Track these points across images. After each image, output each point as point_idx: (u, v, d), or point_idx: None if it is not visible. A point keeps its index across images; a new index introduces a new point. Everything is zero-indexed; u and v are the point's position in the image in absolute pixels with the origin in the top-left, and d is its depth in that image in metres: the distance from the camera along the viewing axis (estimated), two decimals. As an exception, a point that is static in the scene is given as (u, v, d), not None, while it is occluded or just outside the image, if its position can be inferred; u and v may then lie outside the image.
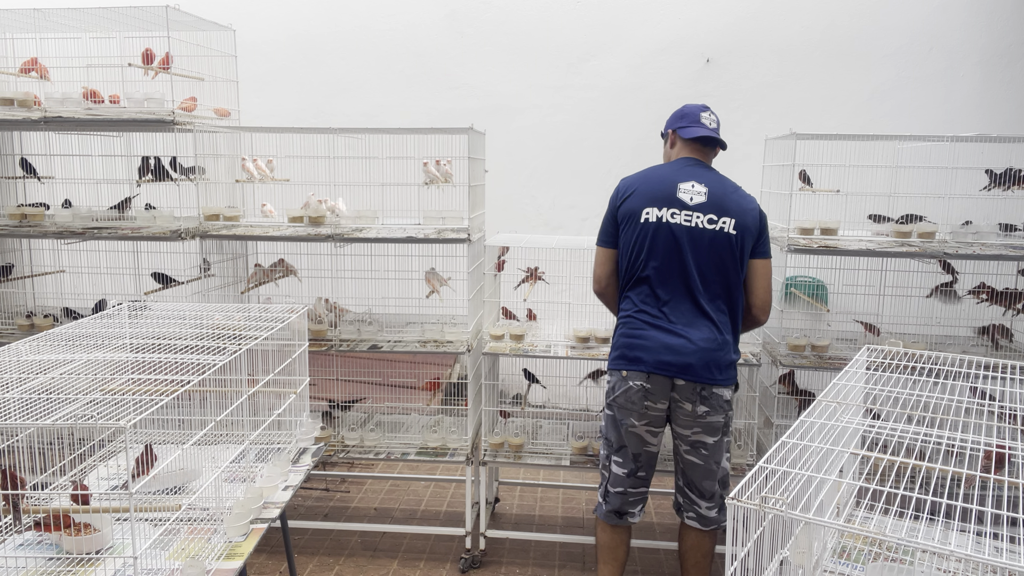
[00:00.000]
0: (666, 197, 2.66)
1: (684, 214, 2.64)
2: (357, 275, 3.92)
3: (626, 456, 2.75)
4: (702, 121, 2.76)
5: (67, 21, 3.74)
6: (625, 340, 2.71)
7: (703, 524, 2.74)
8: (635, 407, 2.68)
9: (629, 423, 2.70)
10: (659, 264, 2.65)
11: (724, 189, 2.69)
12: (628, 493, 2.78)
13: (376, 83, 4.93)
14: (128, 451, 1.74)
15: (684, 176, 2.69)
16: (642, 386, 2.65)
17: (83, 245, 3.93)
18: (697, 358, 2.60)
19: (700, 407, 2.63)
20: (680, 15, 4.74)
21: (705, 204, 2.64)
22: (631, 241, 2.69)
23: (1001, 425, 1.85)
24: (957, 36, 4.59)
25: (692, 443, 2.69)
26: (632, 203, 2.70)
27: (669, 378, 2.63)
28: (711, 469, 2.70)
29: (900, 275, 3.65)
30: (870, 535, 1.45)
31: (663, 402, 2.66)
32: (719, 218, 2.63)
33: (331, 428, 3.81)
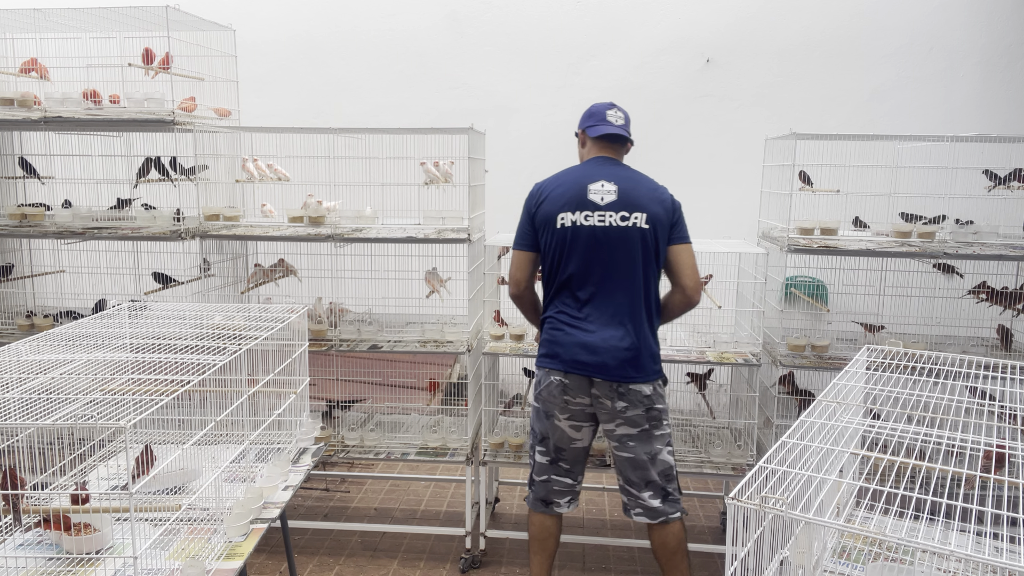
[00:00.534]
0: (578, 200, 2.71)
1: (597, 215, 2.69)
2: (357, 275, 3.92)
3: (548, 447, 2.84)
4: (608, 119, 2.81)
5: (67, 21, 3.74)
6: (546, 339, 2.80)
7: (651, 516, 2.78)
8: (556, 401, 2.76)
9: (554, 415, 2.79)
10: (577, 267, 2.71)
11: (634, 184, 2.74)
12: (552, 482, 2.86)
13: (376, 83, 4.93)
14: (128, 451, 1.74)
15: (594, 176, 2.74)
16: (561, 381, 2.74)
17: (83, 245, 3.93)
18: (611, 357, 2.67)
19: (618, 403, 2.71)
20: (680, 15, 4.74)
21: (616, 202, 2.69)
22: (550, 246, 2.76)
23: (1001, 425, 1.85)
24: (957, 36, 4.59)
25: (618, 438, 2.76)
26: (547, 208, 2.75)
27: (587, 377, 2.71)
28: (641, 459, 2.75)
29: (900, 275, 3.65)
30: (870, 535, 1.45)
31: (583, 397, 2.74)
32: (631, 214, 2.69)
33: (331, 428, 3.81)
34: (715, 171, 4.77)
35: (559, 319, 2.76)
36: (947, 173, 3.47)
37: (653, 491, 2.77)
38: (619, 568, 3.57)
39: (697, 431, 3.82)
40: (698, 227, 4.64)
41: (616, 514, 4.12)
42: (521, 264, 2.84)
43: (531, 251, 2.81)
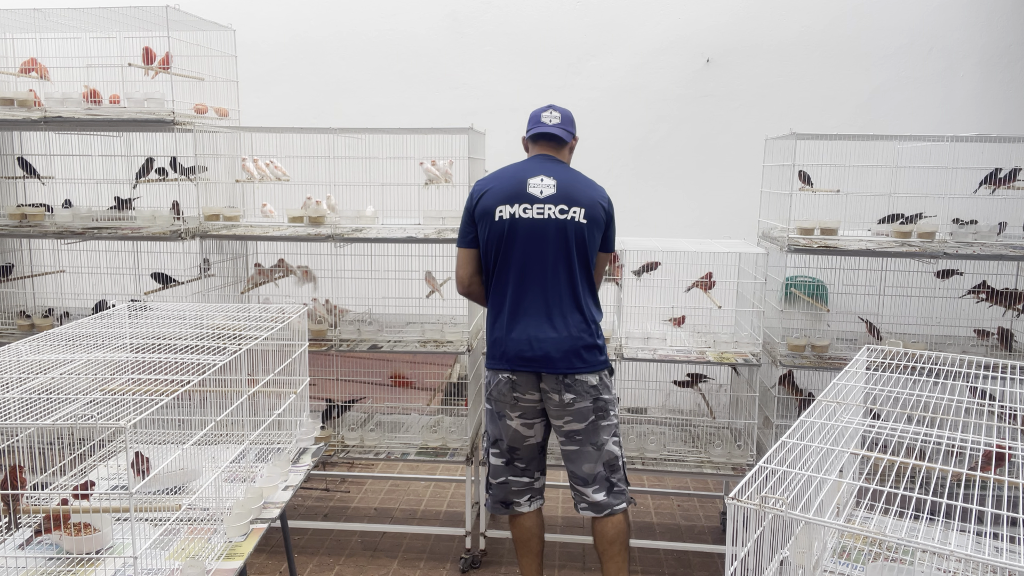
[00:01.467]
0: (517, 194, 2.73)
1: (536, 208, 2.71)
2: (357, 275, 3.92)
3: (501, 448, 2.85)
4: (542, 120, 2.85)
5: (67, 21, 3.74)
6: (491, 339, 2.81)
7: (596, 511, 2.80)
8: (506, 399, 2.78)
9: (506, 415, 2.80)
10: (516, 260, 2.73)
11: (573, 181, 2.77)
12: (509, 483, 2.87)
13: (376, 83, 4.93)
14: (128, 451, 1.74)
15: (533, 171, 2.77)
16: (509, 378, 2.75)
17: (83, 245, 3.93)
18: (556, 349, 2.69)
19: (566, 395, 2.72)
20: (680, 15, 4.74)
21: (555, 196, 2.72)
22: (488, 240, 2.77)
23: (1001, 425, 1.85)
24: (957, 36, 4.59)
25: (566, 433, 2.78)
26: (486, 202, 2.76)
27: (535, 373, 2.73)
28: (587, 451, 2.78)
29: (900, 275, 3.65)
30: (870, 535, 1.45)
31: (532, 392, 2.76)
32: (569, 208, 2.72)
33: (331, 428, 3.81)
34: (715, 171, 4.77)
35: (501, 316, 2.78)
36: (947, 173, 3.47)
37: (599, 484, 2.80)
38: (619, 568, 3.57)
39: (697, 431, 3.82)
40: (698, 227, 4.68)
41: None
42: (464, 262, 2.86)
43: (472, 247, 2.83)
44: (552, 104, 2.89)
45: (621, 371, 3.83)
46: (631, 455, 3.55)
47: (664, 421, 3.89)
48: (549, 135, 2.82)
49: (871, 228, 3.62)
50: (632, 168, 4.84)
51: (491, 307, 2.83)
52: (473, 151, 3.56)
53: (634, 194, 4.83)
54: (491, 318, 2.83)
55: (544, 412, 2.81)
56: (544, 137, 2.84)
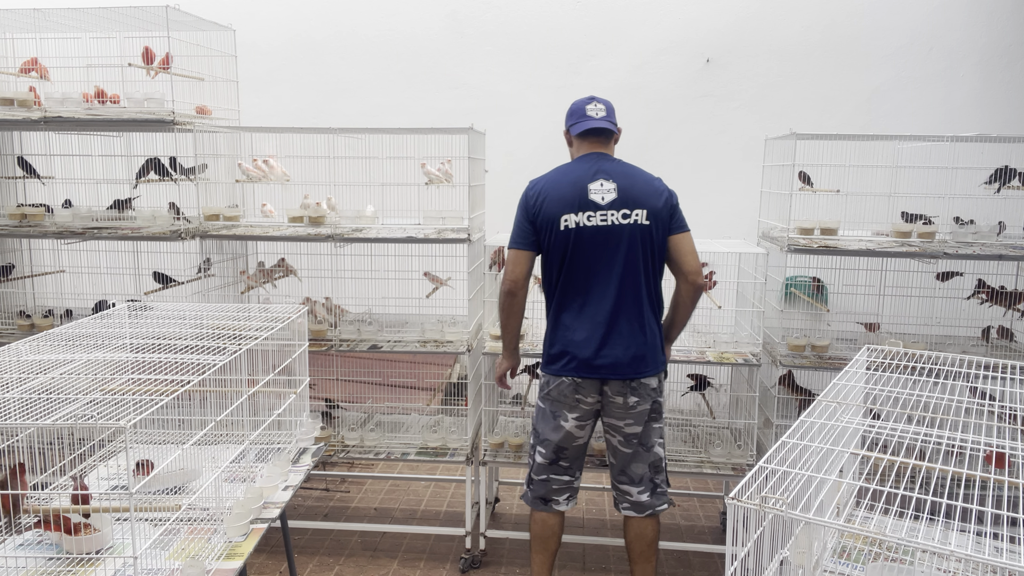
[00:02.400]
0: (579, 201, 2.70)
1: (599, 215, 2.69)
2: (357, 275, 3.92)
3: (549, 448, 2.84)
4: (588, 113, 2.80)
5: (67, 21, 3.74)
6: (557, 344, 2.78)
7: (638, 510, 2.83)
8: (567, 400, 2.77)
9: (561, 415, 2.79)
10: (582, 268, 2.72)
11: (631, 180, 2.74)
12: (551, 480, 2.87)
13: (376, 83, 4.93)
14: (128, 451, 1.74)
15: (591, 175, 2.73)
16: (573, 380, 2.74)
17: (83, 245, 3.93)
18: (625, 355, 2.70)
19: (631, 398, 2.73)
20: (680, 15, 4.74)
21: (616, 200, 2.70)
22: (553, 248, 2.74)
23: (1001, 425, 1.85)
24: (957, 36, 4.59)
25: (625, 435, 2.79)
26: (549, 209, 2.72)
27: (600, 380, 2.73)
28: (639, 453, 2.80)
29: (900, 275, 3.65)
30: (870, 535, 1.45)
31: (594, 395, 2.76)
32: (632, 211, 2.70)
33: (331, 428, 3.81)
34: (715, 171, 4.77)
35: (566, 322, 2.76)
36: (947, 173, 3.47)
37: (644, 485, 2.82)
38: (619, 568, 3.57)
39: (697, 431, 3.82)
40: (698, 227, 4.63)
41: (616, 514, 4.12)
42: (520, 261, 2.80)
43: (530, 250, 2.78)
44: (593, 95, 2.84)
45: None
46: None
47: (664, 421, 3.89)
48: (598, 129, 2.78)
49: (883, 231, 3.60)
50: (632, 168, 4.83)
51: (555, 314, 2.80)
52: (473, 151, 3.56)
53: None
54: (554, 324, 2.81)
55: (597, 413, 2.81)
56: (592, 132, 2.80)
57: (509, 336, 2.95)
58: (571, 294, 2.75)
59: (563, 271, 2.75)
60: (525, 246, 2.78)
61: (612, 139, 2.84)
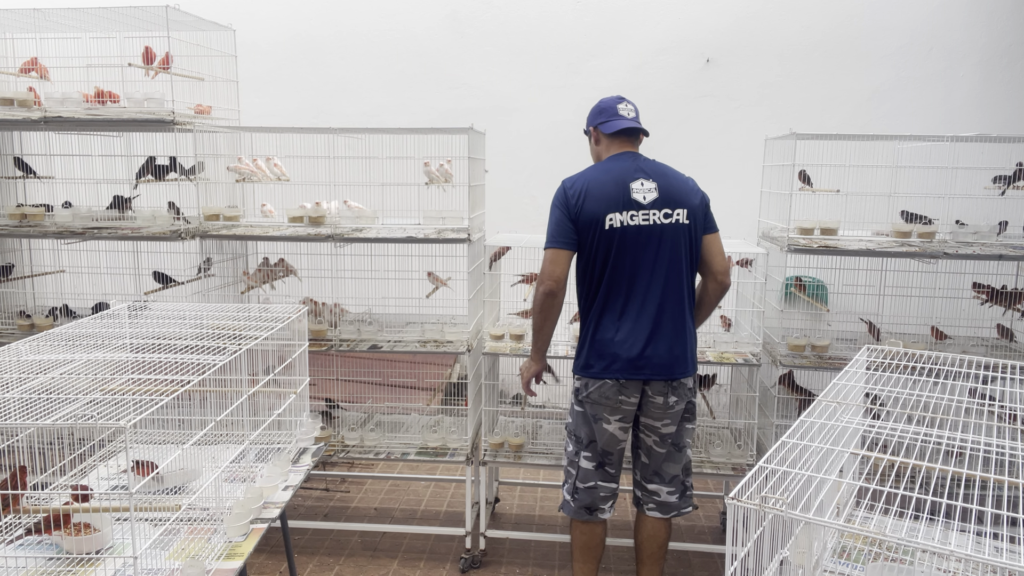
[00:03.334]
0: (623, 200, 2.69)
1: (642, 215, 2.69)
2: (357, 275, 3.92)
3: (595, 451, 2.81)
4: (620, 113, 2.80)
5: (67, 21, 3.74)
6: (597, 346, 2.74)
7: (663, 511, 2.82)
8: (609, 402, 2.73)
9: (603, 418, 2.75)
10: (627, 268, 2.70)
11: (669, 180, 2.74)
12: (599, 487, 2.83)
13: (376, 83, 4.93)
14: (128, 451, 1.74)
15: (632, 174, 2.72)
16: (617, 382, 2.71)
17: (83, 245, 3.93)
18: (669, 356, 2.69)
19: (671, 398, 2.72)
20: (680, 15, 4.74)
21: (658, 200, 2.69)
22: (596, 247, 2.71)
23: (1001, 425, 1.85)
24: (957, 36, 4.59)
25: (662, 435, 2.78)
26: (592, 208, 2.68)
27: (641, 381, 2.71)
28: (672, 454, 2.80)
29: (900, 275, 3.65)
30: (870, 535, 1.45)
31: (635, 395, 2.73)
32: (673, 211, 2.70)
33: (331, 428, 3.81)
34: (715, 171, 4.75)
35: (608, 323, 2.72)
36: (947, 173, 3.47)
37: (674, 487, 2.81)
38: (619, 568, 3.57)
39: (697, 431, 3.82)
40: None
41: (617, 514, 4.12)
42: (560, 261, 2.72)
43: (571, 249, 2.73)
44: (621, 95, 2.85)
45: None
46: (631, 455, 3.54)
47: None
48: (631, 130, 2.79)
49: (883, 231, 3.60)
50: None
51: (596, 314, 2.75)
52: (473, 151, 3.56)
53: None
54: (594, 325, 2.75)
55: (636, 416, 2.79)
56: (625, 132, 2.79)
57: (544, 339, 2.88)
58: (614, 294, 2.71)
59: (606, 271, 2.71)
60: (566, 245, 2.72)
61: (639, 139, 2.86)
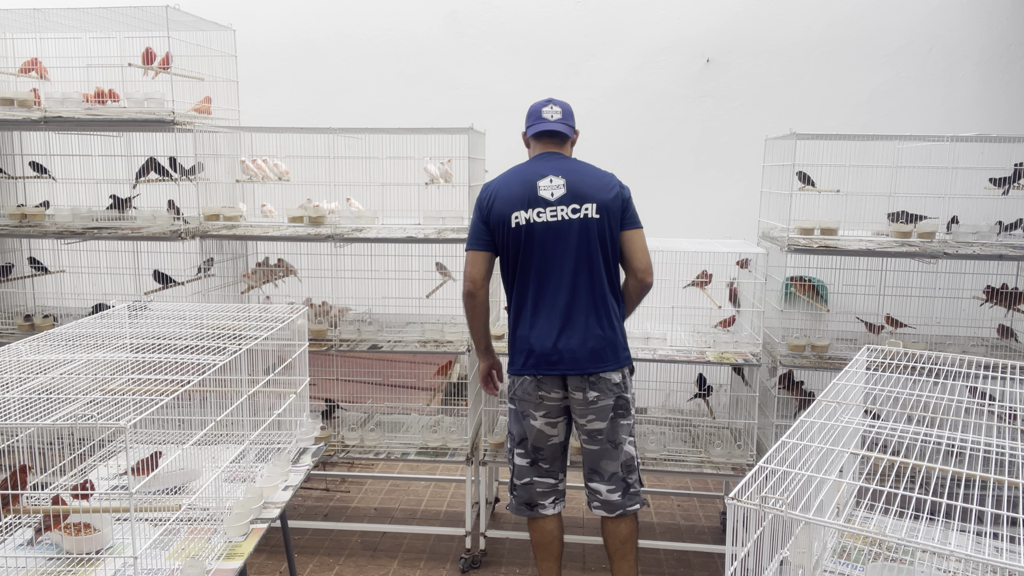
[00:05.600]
0: (529, 198, 2.73)
1: (549, 211, 2.71)
2: (357, 275, 3.92)
3: (527, 447, 2.84)
4: (543, 116, 2.83)
5: (67, 21, 3.74)
6: (515, 343, 2.81)
7: (608, 510, 2.82)
8: (531, 398, 2.77)
9: (530, 415, 2.79)
10: (535, 264, 2.73)
11: (580, 176, 2.76)
12: (535, 483, 2.86)
13: (376, 83, 4.93)
14: (128, 451, 1.74)
15: (541, 172, 2.76)
16: (535, 378, 2.75)
17: (83, 245, 3.93)
18: (582, 349, 2.69)
19: (590, 392, 2.72)
20: (680, 15, 4.74)
21: (565, 195, 2.72)
22: (508, 246, 2.77)
23: (1001, 425, 1.85)
24: (957, 36, 4.59)
25: (589, 432, 2.78)
26: (499, 208, 2.75)
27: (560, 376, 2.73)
28: (607, 450, 2.78)
29: (900, 275, 3.65)
30: (870, 535, 1.45)
31: (557, 391, 2.75)
32: (581, 205, 2.71)
33: (331, 428, 3.81)
34: (715, 171, 4.77)
35: (523, 320, 2.77)
36: (947, 173, 3.47)
37: (615, 484, 2.80)
38: (619, 568, 3.57)
39: (697, 431, 3.82)
40: (698, 227, 4.67)
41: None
42: (476, 262, 2.82)
43: (486, 251, 2.81)
44: (551, 98, 2.88)
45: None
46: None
47: (664, 421, 3.89)
48: (551, 132, 2.81)
49: (881, 231, 3.60)
50: (632, 168, 4.82)
51: (513, 312, 2.83)
52: (473, 151, 3.56)
53: (634, 194, 4.80)
54: (513, 323, 2.83)
55: (567, 410, 2.81)
56: (547, 134, 2.83)
57: (477, 337, 2.98)
58: (526, 291, 2.77)
59: (518, 268, 2.77)
60: (481, 247, 2.81)
61: (568, 141, 2.88)
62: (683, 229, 4.68)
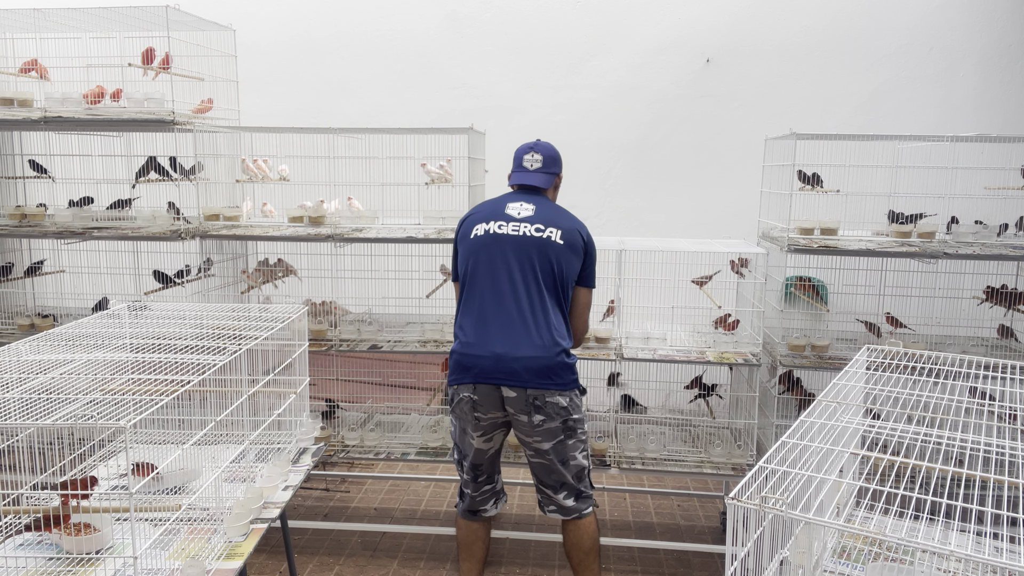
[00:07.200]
0: (495, 214, 2.76)
1: (511, 225, 2.72)
2: (357, 275, 3.92)
3: (467, 463, 2.85)
4: (524, 164, 2.87)
5: (67, 21, 3.74)
6: (457, 353, 2.74)
7: (564, 514, 2.82)
8: (467, 417, 2.73)
9: (468, 434, 2.77)
10: (487, 271, 2.70)
11: (551, 210, 2.79)
12: (478, 495, 2.88)
13: (376, 83, 4.93)
14: (128, 451, 1.74)
15: (513, 199, 2.82)
16: (470, 397, 2.69)
17: (83, 245, 3.93)
18: (523, 364, 2.61)
19: (535, 416, 2.65)
20: (680, 15, 4.74)
21: (532, 217, 2.73)
22: (464, 257, 2.77)
23: (1001, 425, 1.85)
24: (957, 36, 4.59)
25: (534, 449, 2.74)
26: (467, 227, 2.80)
27: (496, 386, 2.65)
28: (555, 468, 2.75)
29: (900, 275, 3.65)
30: (870, 535, 1.45)
31: (494, 412, 2.69)
32: (546, 227, 2.71)
33: (331, 428, 3.81)
34: (715, 171, 4.77)
35: (468, 329, 2.71)
36: (947, 173, 3.47)
37: (567, 491, 2.79)
38: (619, 568, 3.57)
39: (697, 431, 3.83)
40: (698, 227, 4.67)
41: (616, 514, 4.12)
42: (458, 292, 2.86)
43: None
44: (537, 142, 2.89)
45: (621, 371, 3.84)
46: (631, 455, 3.55)
47: (664, 421, 3.89)
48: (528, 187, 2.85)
49: (881, 230, 3.60)
50: (632, 168, 4.84)
51: (460, 320, 2.77)
52: (473, 151, 3.56)
53: (634, 194, 4.83)
54: (458, 331, 2.76)
55: (506, 423, 2.77)
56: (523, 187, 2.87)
57: None
58: (475, 299, 2.72)
59: (469, 276, 2.73)
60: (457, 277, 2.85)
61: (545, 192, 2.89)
62: (683, 229, 4.69)
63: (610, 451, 3.60)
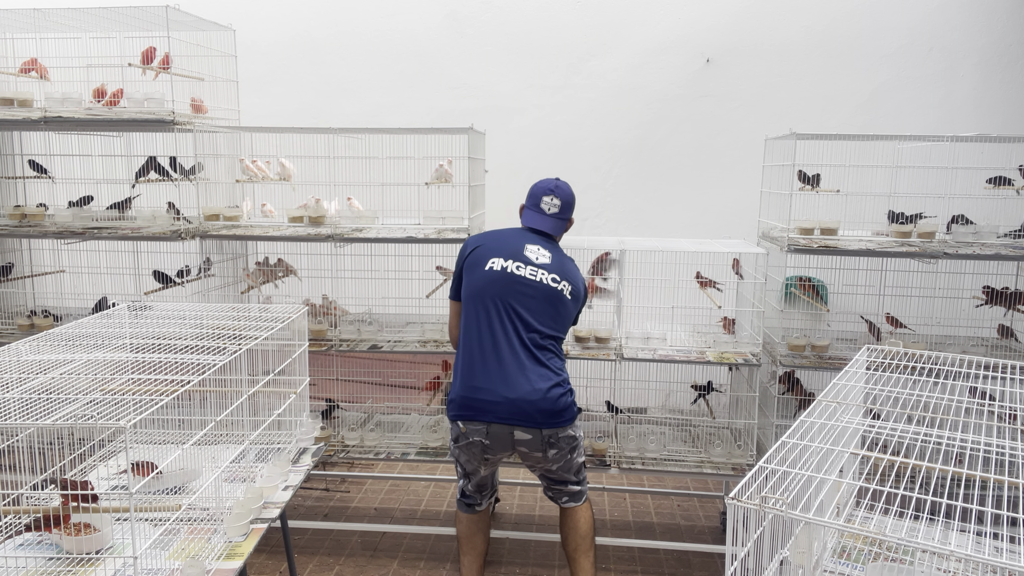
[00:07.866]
0: (513, 252, 2.81)
1: (529, 268, 2.78)
2: (357, 275, 3.92)
3: (471, 483, 2.95)
4: (541, 206, 2.92)
5: (67, 21, 3.74)
6: (464, 389, 2.76)
7: (576, 499, 2.93)
8: (477, 458, 2.82)
9: (474, 466, 2.87)
10: (503, 310, 2.75)
11: (563, 261, 2.89)
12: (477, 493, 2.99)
13: (376, 83, 4.93)
14: (128, 451, 1.74)
15: (530, 240, 2.88)
16: (481, 442, 2.76)
17: (83, 245, 3.93)
18: (536, 407, 2.69)
19: (550, 451, 2.77)
20: (680, 15, 4.74)
21: (549, 266, 2.82)
22: (472, 286, 2.79)
23: (1001, 425, 1.85)
24: (957, 36, 4.59)
25: (547, 470, 2.88)
26: (478, 254, 2.83)
27: (508, 429, 2.72)
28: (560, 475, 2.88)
29: (900, 275, 3.65)
30: (870, 535, 1.45)
31: (503, 452, 2.80)
32: (560, 280, 2.81)
33: (331, 428, 3.81)
34: (715, 171, 4.77)
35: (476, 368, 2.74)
36: (947, 173, 3.47)
37: (576, 476, 2.92)
38: (619, 568, 3.57)
39: (697, 431, 3.82)
40: (698, 227, 4.68)
41: (616, 514, 4.12)
42: (455, 311, 2.94)
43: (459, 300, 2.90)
44: (557, 184, 2.94)
45: (622, 371, 3.84)
46: (631, 455, 3.55)
47: (664, 421, 3.89)
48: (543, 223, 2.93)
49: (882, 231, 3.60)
50: (632, 168, 4.83)
51: (466, 356, 2.78)
52: (473, 151, 3.56)
53: (634, 194, 4.83)
54: (464, 366, 2.78)
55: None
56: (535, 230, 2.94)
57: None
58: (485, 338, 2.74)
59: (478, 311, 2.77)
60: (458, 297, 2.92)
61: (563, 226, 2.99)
62: (683, 229, 4.69)
63: (610, 451, 3.60)
